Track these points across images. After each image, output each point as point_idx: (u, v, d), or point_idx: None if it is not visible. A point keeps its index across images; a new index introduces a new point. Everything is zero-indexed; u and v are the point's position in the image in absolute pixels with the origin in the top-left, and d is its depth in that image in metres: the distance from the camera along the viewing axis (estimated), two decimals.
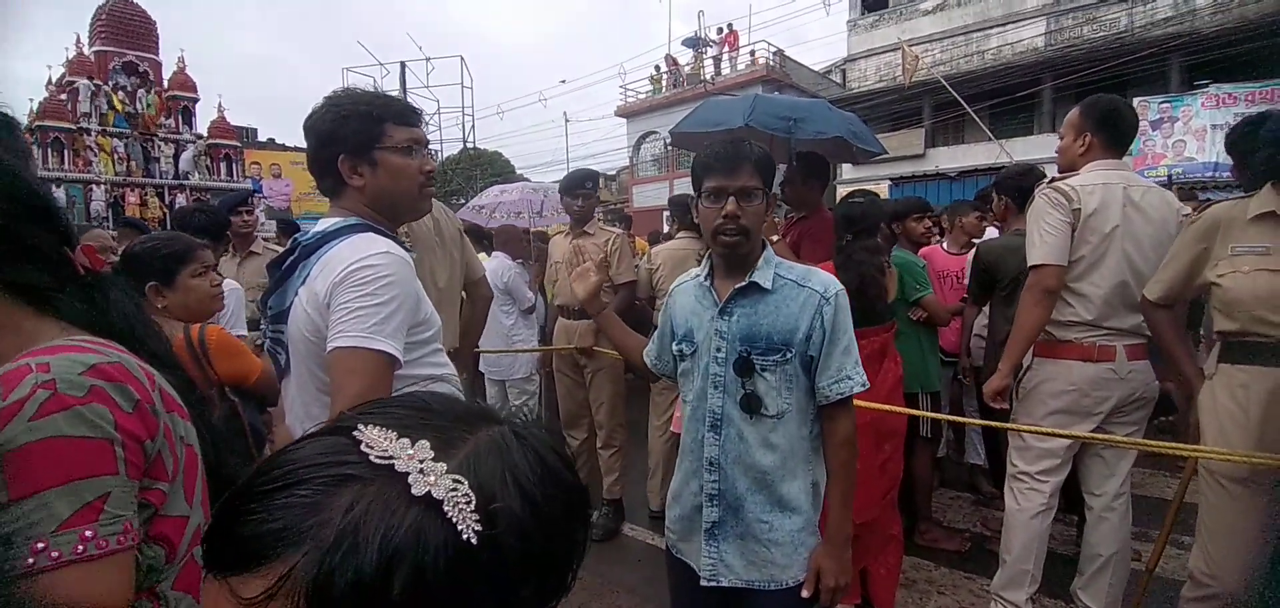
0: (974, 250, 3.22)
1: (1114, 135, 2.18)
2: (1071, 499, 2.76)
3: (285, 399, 1.33)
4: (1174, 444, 1.98)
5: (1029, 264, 2.17)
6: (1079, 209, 2.10)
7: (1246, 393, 1.70)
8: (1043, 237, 2.13)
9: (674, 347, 1.53)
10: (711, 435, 1.44)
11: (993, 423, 2.49)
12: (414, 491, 0.37)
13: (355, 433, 0.40)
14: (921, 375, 2.97)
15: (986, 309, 3.26)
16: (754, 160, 1.38)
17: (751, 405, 1.39)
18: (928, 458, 3.19)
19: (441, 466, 0.39)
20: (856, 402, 2.20)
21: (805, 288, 1.39)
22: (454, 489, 0.38)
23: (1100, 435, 2.16)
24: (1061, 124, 2.38)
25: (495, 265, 4.16)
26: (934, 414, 2.99)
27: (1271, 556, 1.64)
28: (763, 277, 1.40)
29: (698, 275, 1.53)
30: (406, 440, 0.39)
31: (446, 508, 0.37)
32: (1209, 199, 4.09)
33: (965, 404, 3.70)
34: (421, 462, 0.38)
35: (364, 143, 1.25)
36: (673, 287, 1.61)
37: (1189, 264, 1.85)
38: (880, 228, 2.77)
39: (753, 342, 1.39)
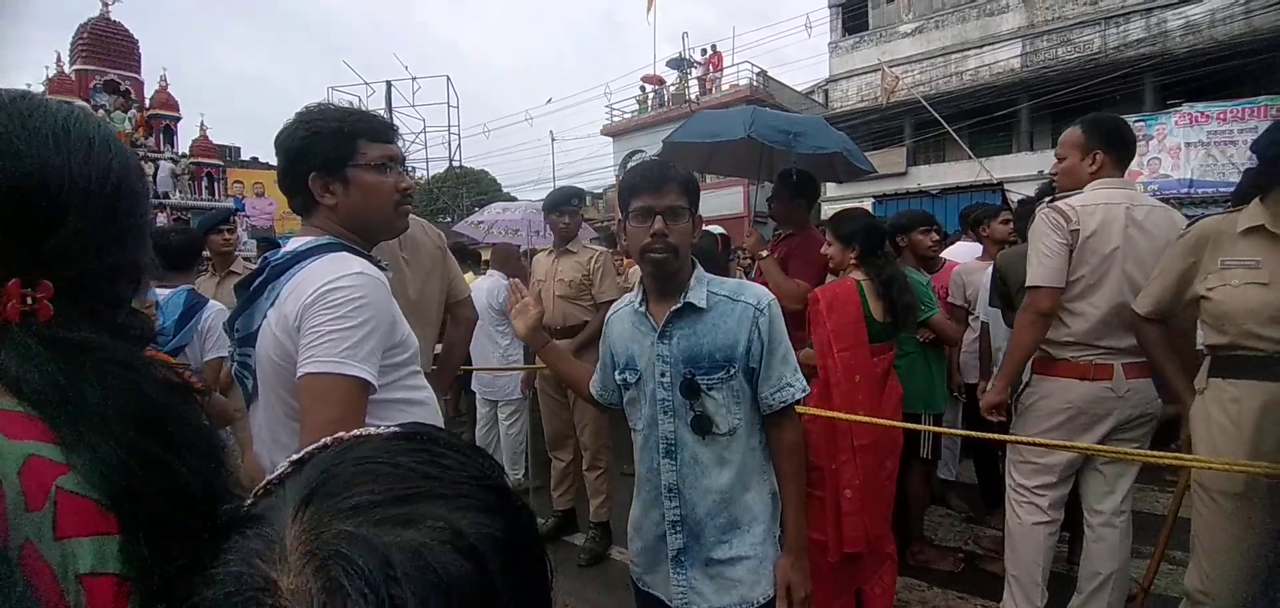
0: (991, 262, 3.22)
1: (1123, 153, 2.17)
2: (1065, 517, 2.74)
3: (252, 426, 1.27)
4: (1168, 455, 1.95)
5: (1026, 285, 2.15)
6: (1077, 229, 2.07)
7: (1239, 408, 1.69)
8: (1040, 258, 2.10)
9: (617, 376, 1.52)
10: (667, 462, 1.42)
11: (990, 436, 2.47)
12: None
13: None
14: (927, 396, 2.95)
15: (979, 326, 3.27)
16: (679, 180, 1.39)
17: (702, 426, 1.38)
18: (923, 478, 3.16)
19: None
20: (864, 419, 2.21)
21: (739, 302, 1.40)
22: None
23: (1094, 446, 2.13)
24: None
25: (491, 285, 4.12)
26: (945, 430, 2.98)
27: (1268, 570, 1.63)
28: (697, 296, 1.39)
29: (631, 302, 1.51)
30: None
31: None
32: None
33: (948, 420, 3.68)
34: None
35: (336, 160, 1.20)
36: (609, 315, 1.59)
37: (1178, 278, 1.85)
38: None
39: (695, 362, 1.38)
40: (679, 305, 1.39)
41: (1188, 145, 12.65)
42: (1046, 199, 2.32)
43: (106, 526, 0.56)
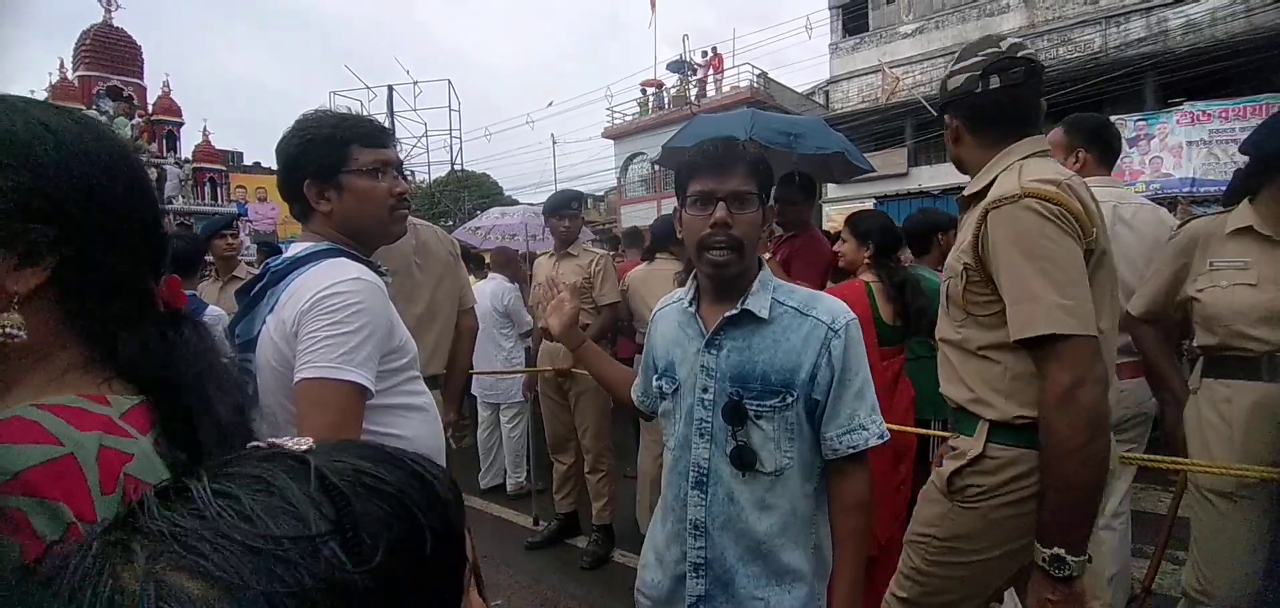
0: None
1: (1106, 151, 2.21)
2: None
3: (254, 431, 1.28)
4: (1158, 457, 1.96)
5: None
6: None
7: (1229, 407, 1.70)
8: None
9: (654, 382, 1.32)
10: (696, 494, 1.21)
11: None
12: None
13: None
14: (936, 402, 2.95)
15: None
16: (748, 161, 1.17)
17: (744, 461, 1.16)
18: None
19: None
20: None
21: (809, 317, 1.17)
22: None
23: None
24: None
25: (494, 288, 4.15)
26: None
27: (1264, 570, 1.63)
28: (758, 303, 1.17)
29: (681, 299, 1.30)
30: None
31: None
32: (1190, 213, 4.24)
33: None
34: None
35: (329, 166, 1.22)
36: (655, 310, 1.40)
37: (1170, 279, 1.86)
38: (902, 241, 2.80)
39: (745, 382, 1.16)
40: (735, 312, 1.18)
41: (1190, 144, 12.63)
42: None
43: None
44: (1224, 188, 2.42)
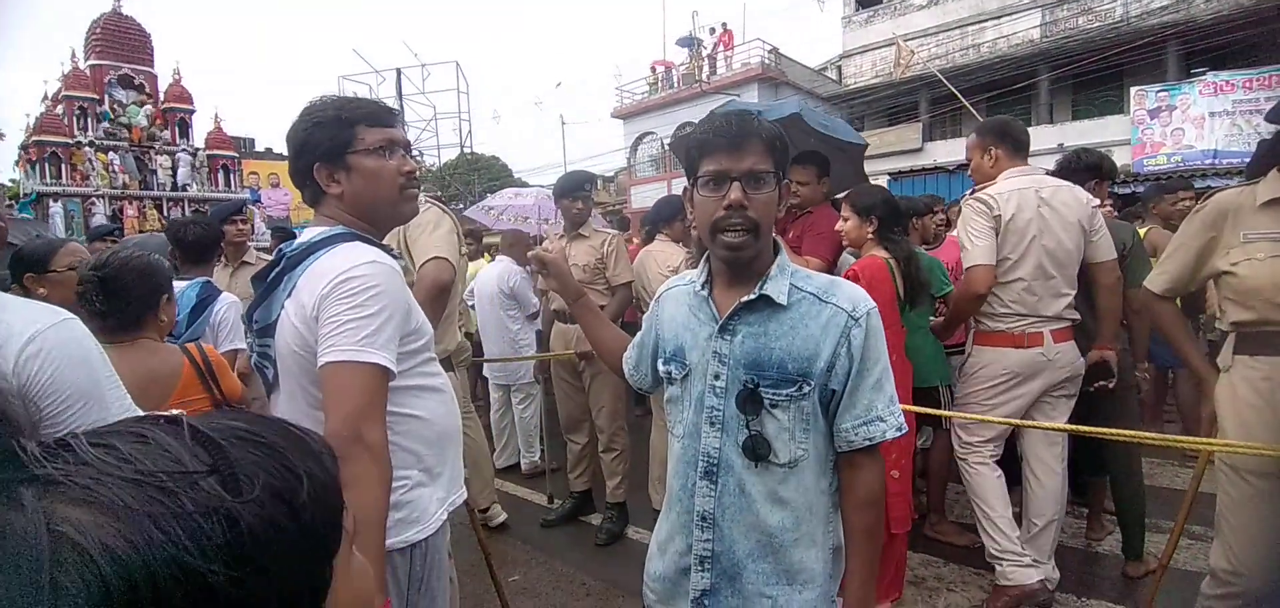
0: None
1: (1015, 145, 2.48)
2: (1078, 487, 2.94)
3: (274, 414, 1.29)
4: (1199, 439, 1.93)
5: (965, 267, 2.42)
6: (1000, 216, 2.35)
7: (1270, 385, 1.66)
8: (973, 241, 2.38)
9: (661, 367, 1.27)
10: (706, 485, 1.16)
11: (1014, 422, 2.49)
12: None
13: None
14: (939, 369, 2.99)
15: None
16: (763, 136, 1.10)
17: (758, 451, 1.11)
18: (945, 450, 3.17)
19: None
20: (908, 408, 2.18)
21: (828, 304, 1.11)
22: None
23: (1101, 430, 2.15)
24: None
25: (501, 269, 4.16)
26: (951, 413, 2.98)
27: None
28: (776, 289, 1.12)
29: (692, 281, 1.24)
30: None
31: None
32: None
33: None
34: None
35: (336, 148, 1.21)
36: (662, 290, 1.34)
37: (1196, 254, 1.81)
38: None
39: (761, 370, 1.11)
40: (752, 297, 1.12)
41: (1212, 115, 12.35)
42: (970, 192, 2.59)
43: None
44: (1247, 160, 2.40)
